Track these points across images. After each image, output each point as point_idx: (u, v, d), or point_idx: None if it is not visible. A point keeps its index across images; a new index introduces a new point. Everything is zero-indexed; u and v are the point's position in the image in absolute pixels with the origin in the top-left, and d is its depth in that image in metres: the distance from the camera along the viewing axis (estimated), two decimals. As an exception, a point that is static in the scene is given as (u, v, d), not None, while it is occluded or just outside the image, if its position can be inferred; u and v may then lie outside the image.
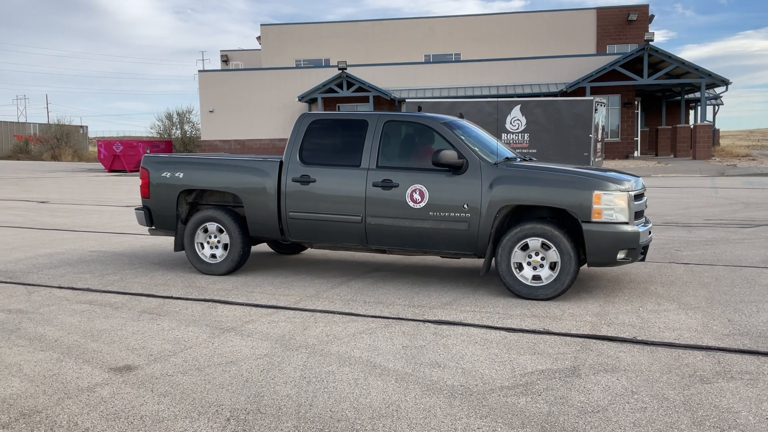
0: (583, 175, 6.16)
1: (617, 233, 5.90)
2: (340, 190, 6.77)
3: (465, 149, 6.41)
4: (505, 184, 6.19)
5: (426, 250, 6.63)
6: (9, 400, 3.77)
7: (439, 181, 6.40)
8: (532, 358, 4.47)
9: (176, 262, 7.97)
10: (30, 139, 52.80)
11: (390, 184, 6.54)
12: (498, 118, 23.80)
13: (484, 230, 6.24)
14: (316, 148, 7.01)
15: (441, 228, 6.39)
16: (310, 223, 6.95)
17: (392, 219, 6.55)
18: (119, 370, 4.27)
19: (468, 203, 6.27)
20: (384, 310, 5.75)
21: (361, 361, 4.41)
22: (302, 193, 6.92)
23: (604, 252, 5.94)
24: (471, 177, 6.29)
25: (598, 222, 5.91)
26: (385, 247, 6.79)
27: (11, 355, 4.56)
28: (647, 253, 6.32)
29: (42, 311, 5.73)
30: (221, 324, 5.34)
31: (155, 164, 7.60)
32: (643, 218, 6.49)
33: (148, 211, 7.62)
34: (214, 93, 37.22)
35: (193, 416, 3.55)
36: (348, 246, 6.98)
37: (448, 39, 42.41)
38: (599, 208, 5.90)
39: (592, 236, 5.91)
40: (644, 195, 6.50)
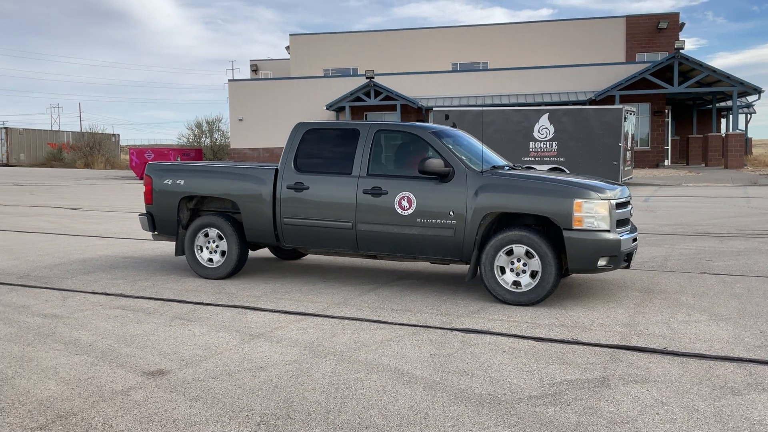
0: (565, 184, 6.27)
1: (598, 241, 6.01)
2: (332, 197, 6.96)
3: (452, 158, 6.56)
4: (490, 191, 6.34)
5: (414, 255, 6.78)
6: (46, 402, 3.87)
7: (427, 188, 6.56)
8: (560, 368, 4.46)
9: (206, 269, 8.07)
10: (63, 147, 53.86)
11: (379, 191, 6.72)
12: (525, 126, 23.70)
13: (470, 237, 6.39)
14: (310, 157, 7.21)
15: (428, 234, 6.55)
16: (303, 229, 7.14)
17: (381, 225, 6.72)
18: (152, 374, 4.35)
19: (454, 210, 6.43)
20: (411, 318, 5.78)
21: (389, 369, 4.44)
22: (296, 200, 7.13)
23: (584, 259, 6.05)
24: (457, 185, 6.45)
25: (579, 229, 6.02)
26: (375, 253, 6.95)
27: (47, 358, 4.67)
28: (631, 260, 6.41)
29: (76, 316, 5.85)
30: (251, 330, 5.41)
31: (158, 171, 7.86)
32: (629, 226, 6.56)
33: (151, 217, 7.88)
34: (243, 102, 37.65)
35: (224, 420, 3.61)
36: (340, 252, 7.17)
37: (476, 47, 42.41)
38: (580, 215, 6.01)
39: (573, 243, 6.02)
40: (629, 204, 6.59)
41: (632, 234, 6.42)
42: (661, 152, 33.98)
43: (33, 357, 4.69)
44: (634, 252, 6.43)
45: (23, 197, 19.99)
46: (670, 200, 17.95)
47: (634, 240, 6.44)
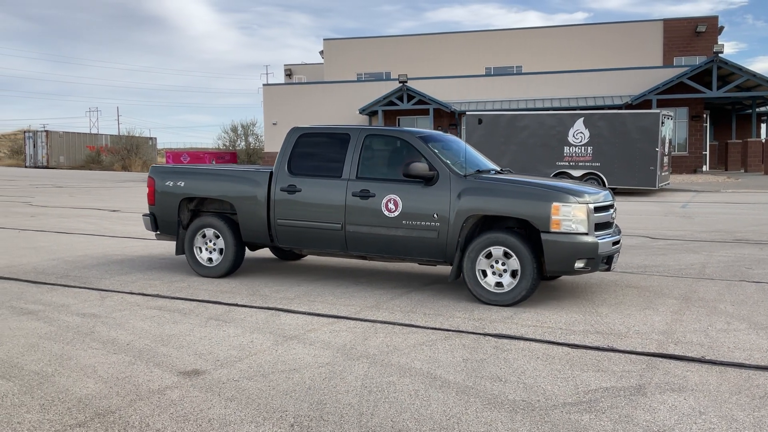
0: (544, 188, 6.41)
1: (575, 243, 6.14)
2: (323, 199, 7.19)
3: (437, 162, 6.75)
4: (471, 195, 6.51)
5: (400, 256, 6.98)
6: (84, 400, 3.95)
7: (413, 191, 6.75)
8: (595, 375, 4.41)
9: (241, 271, 8.17)
10: (102, 150, 54.95)
11: (367, 194, 6.92)
12: (560, 131, 23.48)
13: (452, 238, 6.56)
14: (303, 160, 7.45)
15: (413, 236, 6.74)
16: (296, 230, 7.38)
17: (369, 227, 6.93)
18: (188, 374, 4.41)
19: (438, 213, 6.61)
20: (444, 322, 5.76)
21: (422, 373, 4.43)
22: (289, 202, 7.36)
23: (562, 261, 6.18)
24: (441, 188, 6.64)
25: (557, 232, 6.16)
26: (364, 253, 7.15)
27: (86, 357, 4.77)
28: (612, 263, 6.55)
29: (114, 316, 5.96)
30: (284, 332, 5.45)
31: (160, 174, 8.19)
32: (610, 229, 6.69)
33: (153, 217, 8.18)
34: (277, 106, 38.01)
35: (258, 421, 3.65)
36: (331, 252, 7.38)
37: (510, 52, 42.20)
38: (558, 218, 6.15)
39: (551, 246, 6.15)
40: (611, 208, 6.74)
41: (613, 237, 6.55)
42: (699, 158, 33.37)
43: (72, 355, 4.79)
44: (615, 255, 6.58)
45: (63, 199, 20.45)
46: (708, 206, 17.61)
47: (615, 243, 6.58)
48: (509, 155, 24.33)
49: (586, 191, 6.47)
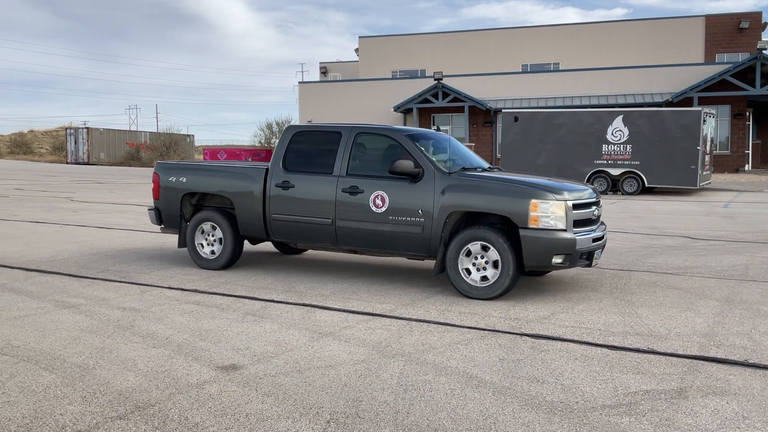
0: (524, 185, 6.57)
1: (553, 239, 6.29)
2: (315, 195, 7.44)
3: (422, 159, 6.94)
4: (454, 192, 6.70)
5: (387, 251, 7.20)
6: (125, 393, 4.01)
7: (399, 188, 6.96)
8: (635, 378, 4.33)
9: (277, 267, 8.24)
10: (141, 146, 55.92)
11: (356, 190, 7.16)
12: (598, 128, 23.16)
13: (436, 234, 6.76)
14: (297, 157, 7.71)
15: (399, 231, 6.95)
16: (289, 225, 7.64)
17: (358, 222, 7.16)
18: (225, 368, 4.46)
19: (422, 209, 6.82)
20: (480, 321, 5.72)
21: (458, 372, 4.41)
22: (283, 197, 7.63)
23: (539, 256, 6.33)
24: (426, 185, 6.83)
25: (535, 228, 6.32)
26: (353, 247, 7.42)
27: (126, 350, 4.85)
28: (594, 259, 6.69)
29: (154, 310, 6.06)
30: (320, 328, 5.47)
31: (164, 169, 8.50)
32: (593, 226, 6.86)
33: (158, 212, 8.50)
34: (312, 103, 38.22)
35: (295, 417, 3.67)
36: (323, 246, 7.65)
37: (547, 48, 41.74)
38: (536, 215, 6.32)
39: (529, 241, 6.31)
40: (593, 205, 6.88)
41: (593, 234, 6.67)
42: (742, 156, 32.60)
43: (113, 348, 4.88)
44: (596, 251, 6.71)
45: (103, 194, 20.86)
46: (750, 207, 17.19)
47: (597, 240, 6.70)
48: (545, 154, 24.09)
49: (566, 188, 6.63)
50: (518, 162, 24.40)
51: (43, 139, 70.58)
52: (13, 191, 22.10)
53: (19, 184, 25.86)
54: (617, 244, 10.37)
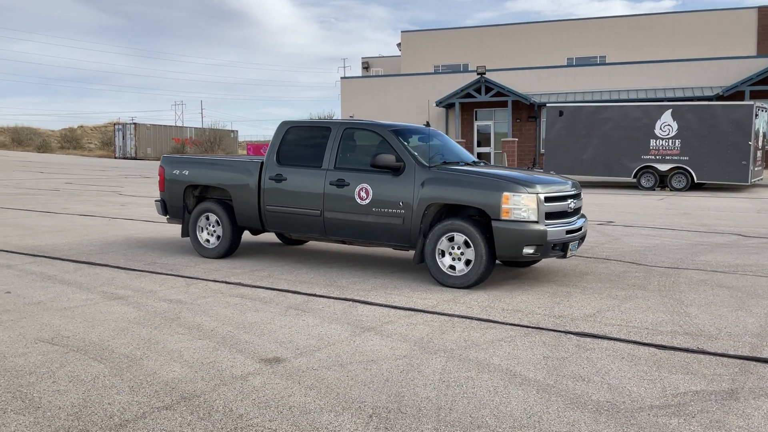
0: (498, 178, 6.81)
1: (523, 231, 6.51)
2: (305, 188, 7.77)
3: (404, 154, 7.22)
4: (432, 185, 6.96)
5: (371, 241, 7.50)
6: (171, 383, 4.08)
7: (383, 181, 7.24)
8: (684, 378, 4.22)
9: (320, 262, 8.28)
10: (186, 142, 56.90)
11: (343, 182, 7.46)
12: (646, 123, 22.66)
13: (416, 225, 7.04)
14: (290, 151, 8.07)
15: (381, 222, 7.24)
16: (282, 216, 7.99)
17: (344, 213, 7.47)
18: (269, 361, 4.50)
19: (403, 201, 7.09)
20: (523, 318, 5.65)
21: (501, 369, 4.36)
22: (276, 190, 7.99)
23: (511, 247, 6.56)
24: (407, 178, 7.11)
25: (507, 220, 6.55)
26: (341, 238, 7.73)
27: (173, 342, 4.93)
28: (568, 250, 6.85)
29: (199, 302, 6.15)
30: (361, 323, 5.48)
31: (169, 163, 8.98)
32: (569, 218, 7.00)
33: (163, 203, 8.99)
34: (354, 99, 38.29)
35: (338, 410, 3.67)
36: (314, 237, 8.00)
37: (593, 41, 40.99)
38: (507, 207, 6.55)
39: (500, 233, 6.55)
40: (569, 198, 7.03)
41: (568, 226, 6.85)
42: (796, 152, 31.50)
43: (159, 340, 4.97)
44: (571, 243, 6.89)
45: (150, 189, 21.28)
46: (806, 203, 16.60)
47: (571, 232, 6.89)
48: (591, 149, 23.69)
49: (539, 182, 6.83)
50: (563, 157, 24.06)
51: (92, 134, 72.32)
52: (64, 185, 22.71)
53: (70, 179, 26.57)
54: (665, 242, 10.13)
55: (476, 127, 35.50)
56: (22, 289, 6.63)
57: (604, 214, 14.28)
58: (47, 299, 6.21)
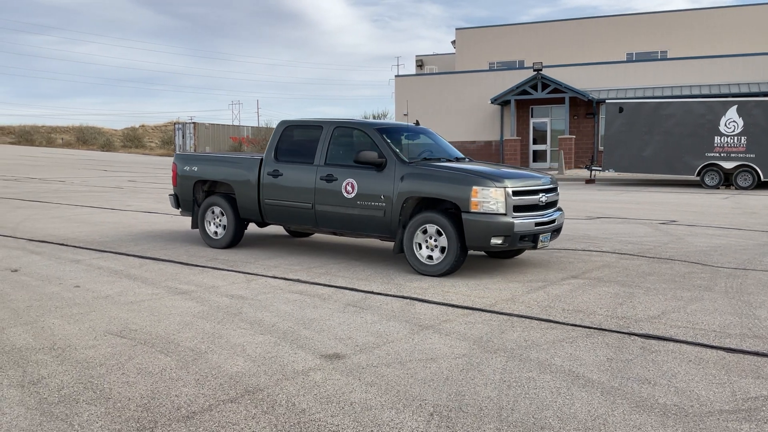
0: (469, 173, 7.23)
1: (491, 222, 6.92)
2: (298, 182, 8.29)
3: (386, 150, 7.68)
4: (410, 179, 7.41)
5: (358, 232, 7.99)
6: (235, 377, 4.16)
7: (367, 176, 7.71)
8: (755, 383, 4.07)
9: (376, 259, 8.32)
10: (243, 140, 57.90)
11: (332, 177, 7.97)
12: (710, 119, 21.97)
13: (395, 217, 7.50)
14: (286, 148, 8.60)
15: (365, 214, 7.72)
16: (279, 209, 8.53)
17: (332, 206, 7.97)
18: (329, 357, 4.54)
19: (384, 194, 7.56)
20: (585, 319, 5.55)
21: (563, 370, 4.29)
22: (273, 185, 8.53)
23: (479, 237, 6.98)
24: (388, 173, 7.57)
25: (476, 212, 6.97)
26: (331, 229, 8.23)
27: (236, 336, 5.03)
28: (539, 242, 7.26)
29: (260, 298, 6.25)
30: (419, 321, 5.47)
31: (181, 160, 9.62)
32: (540, 212, 7.36)
33: (176, 197, 9.63)
34: (408, 97, 38.26)
35: (398, 408, 3.68)
36: (306, 228, 8.54)
37: (653, 36, 39.94)
38: (476, 200, 6.96)
39: (470, 224, 6.97)
40: (541, 192, 7.40)
41: (537, 219, 7.23)
42: None
43: (223, 334, 5.07)
44: (542, 234, 7.27)
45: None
46: None
47: (541, 224, 7.26)
48: (652, 146, 23.11)
49: (509, 176, 7.22)
50: (622, 155, 23.54)
51: (153, 133, 74.37)
52: (127, 183, 23.42)
53: (132, 177, 27.38)
54: (731, 242, 9.81)
55: (532, 124, 35.03)
56: (91, 283, 6.87)
57: (666, 213, 13.91)
58: (115, 293, 6.42)
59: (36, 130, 71.16)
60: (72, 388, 3.94)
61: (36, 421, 3.50)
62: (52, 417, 3.54)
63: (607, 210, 14.81)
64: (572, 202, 16.72)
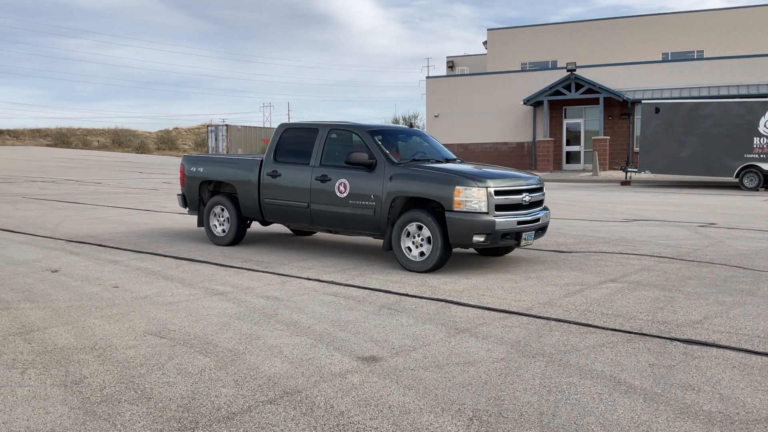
0: (453, 173, 7.53)
1: (473, 221, 7.19)
2: (295, 182, 8.64)
3: (377, 152, 7.99)
4: (398, 179, 7.73)
5: (350, 230, 8.31)
6: (274, 378, 4.18)
7: (359, 176, 8.02)
8: (805, 391, 3.96)
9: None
10: (275, 142, 58.16)
11: (326, 178, 8.30)
12: (749, 120, 21.51)
13: (384, 215, 7.79)
14: (285, 150, 8.95)
15: (357, 213, 8.03)
16: (277, 208, 8.89)
17: (326, 205, 8.29)
18: (366, 359, 4.53)
19: (374, 194, 7.87)
20: (624, 323, 5.46)
21: (604, 376, 4.22)
22: (272, 185, 8.89)
23: (462, 235, 7.26)
24: (378, 173, 7.88)
25: (458, 211, 7.25)
26: (326, 227, 8.54)
27: (272, 337, 5.05)
28: (522, 240, 7.54)
29: (295, 300, 6.27)
30: (455, 324, 5.44)
31: (188, 161, 10.06)
32: (524, 210, 7.60)
33: (183, 197, 10.07)
34: (439, 98, 38.17)
35: (437, 411, 3.66)
36: (303, 227, 8.93)
37: (689, 35, 39.25)
38: (459, 200, 7.23)
39: (452, 222, 7.26)
40: (524, 192, 7.64)
41: (521, 218, 7.49)
42: None
43: (260, 335, 5.10)
44: (525, 233, 7.54)
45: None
46: None
47: (523, 223, 7.51)
48: (689, 147, 22.72)
49: (491, 177, 7.50)
50: (658, 156, 23.18)
51: (187, 135, 75.28)
52: (162, 185, 23.74)
53: (167, 178, 27.75)
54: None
55: (565, 125, 34.67)
56: (129, 283, 6.97)
57: (704, 216, 13.64)
58: (153, 294, 6.50)
59: (72, 133, 72.56)
60: (114, 388, 4.00)
61: (79, 420, 3.55)
62: (95, 416, 3.59)
63: (643, 212, 14.57)
64: (608, 204, 16.50)
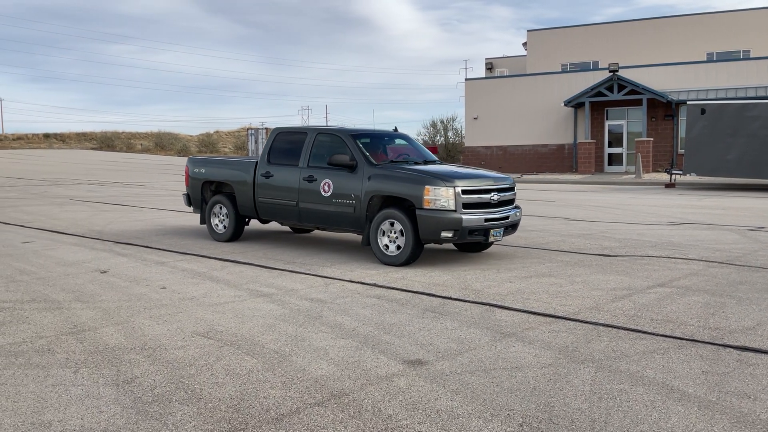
0: (425, 174, 8.09)
1: (441, 218, 7.76)
2: (285, 183, 9.30)
3: (357, 154, 8.60)
4: (375, 179, 8.32)
5: (335, 227, 8.97)
6: (320, 380, 4.19)
7: (341, 176, 8.64)
8: None
9: (451, 265, 8.25)
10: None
11: (312, 178, 8.94)
12: (800, 121, 20.86)
13: (363, 213, 8.38)
14: (278, 152, 9.59)
15: (339, 211, 8.65)
16: (270, 206, 9.55)
17: (313, 204, 8.94)
18: (412, 363, 4.51)
19: (354, 193, 8.47)
20: (675, 329, 5.34)
21: (656, 383, 4.13)
22: (266, 185, 9.56)
23: (431, 231, 7.83)
24: (358, 174, 8.49)
25: (428, 209, 7.84)
26: (313, 225, 9.20)
27: (318, 339, 5.07)
28: (491, 236, 8.10)
29: (338, 302, 6.29)
30: (501, 328, 5.39)
31: (192, 163, 10.80)
32: (492, 209, 8.18)
33: (187, 196, 10.85)
34: (478, 100, 37.96)
35: (486, 417, 3.62)
36: (294, 224, 9.64)
37: (734, 35, 38.32)
38: (428, 198, 7.83)
39: (422, 219, 7.84)
40: (493, 191, 8.23)
41: (488, 215, 8.04)
42: None
43: (305, 337, 5.12)
44: (493, 229, 8.08)
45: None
46: None
47: (492, 220, 8.06)
48: (737, 149, 22.15)
49: (460, 177, 8.09)
50: (704, 158, 22.66)
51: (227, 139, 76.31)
52: (204, 187, 24.05)
53: (209, 181, 28.11)
54: (829, 250, 9.26)
55: (607, 126, 34.16)
56: (176, 284, 7.07)
57: (753, 219, 13.28)
58: (199, 295, 6.58)
59: (116, 136, 74.21)
60: (164, 388, 4.06)
61: (132, 419, 3.61)
62: (147, 416, 3.65)
63: (690, 215, 14.26)
64: (653, 207, 16.19)
